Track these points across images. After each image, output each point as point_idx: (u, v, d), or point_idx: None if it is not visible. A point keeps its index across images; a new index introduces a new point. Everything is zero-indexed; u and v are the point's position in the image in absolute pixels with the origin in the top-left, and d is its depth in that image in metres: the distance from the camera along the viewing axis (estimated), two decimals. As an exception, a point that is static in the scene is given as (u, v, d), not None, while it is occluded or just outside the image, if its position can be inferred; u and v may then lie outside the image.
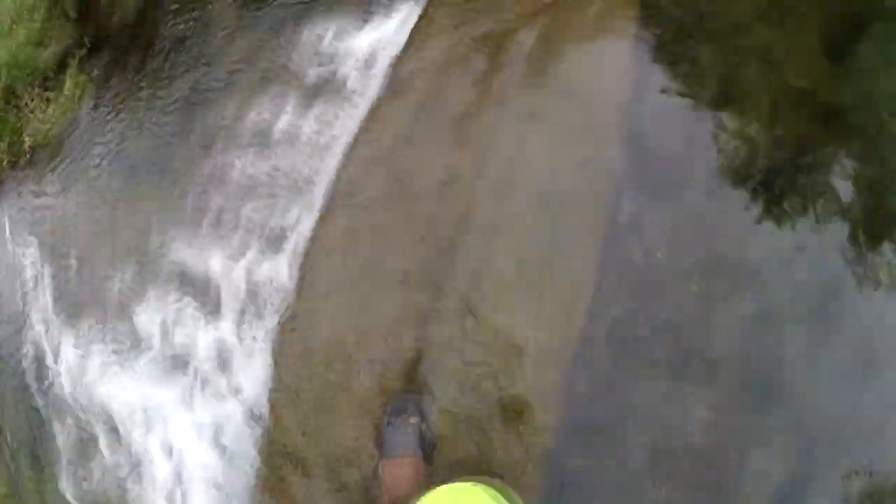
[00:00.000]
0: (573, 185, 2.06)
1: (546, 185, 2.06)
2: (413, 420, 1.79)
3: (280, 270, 2.31)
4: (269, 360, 2.08)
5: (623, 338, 1.93)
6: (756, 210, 2.16)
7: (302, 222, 2.33)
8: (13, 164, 3.48)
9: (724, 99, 2.33)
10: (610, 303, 1.96)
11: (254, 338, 2.30)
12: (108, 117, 3.21)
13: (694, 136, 2.24)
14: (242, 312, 2.39)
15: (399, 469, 1.77)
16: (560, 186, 2.06)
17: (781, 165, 2.25)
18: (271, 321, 2.26)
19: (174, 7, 3.30)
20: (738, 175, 2.22)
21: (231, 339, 2.38)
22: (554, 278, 1.97)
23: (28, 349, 3.02)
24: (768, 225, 2.13)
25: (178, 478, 2.45)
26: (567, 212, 2.03)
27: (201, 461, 2.38)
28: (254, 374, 2.25)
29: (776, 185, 2.22)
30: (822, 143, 2.34)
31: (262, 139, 2.69)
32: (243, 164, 2.67)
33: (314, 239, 2.13)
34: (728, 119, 2.29)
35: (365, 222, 2.09)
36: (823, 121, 2.39)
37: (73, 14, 3.35)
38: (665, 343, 1.94)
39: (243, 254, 2.49)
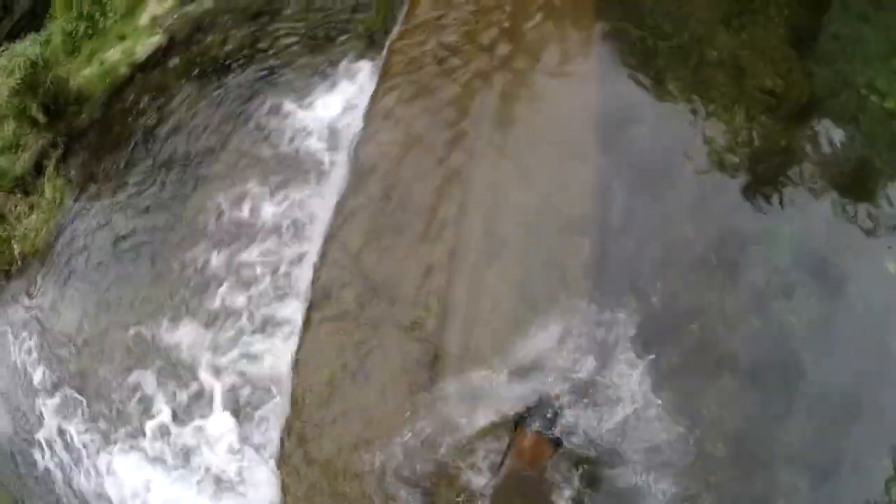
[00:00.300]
0: (548, 258, 2.02)
1: (522, 265, 2.02)
2: None
3: (276, 370, 2.29)
4: (276, 474, 2.07)
5: (630, 362, 1.92)
6: (748, 215, 2.12)
7: (289, 321, 2.31)
8: (6, 273, 3.51)
9: (697, 115, 2.30)
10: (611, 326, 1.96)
11: (256, 448, 2.29)
12: (89, 216, 3.23)
13: (673, 155, 2.21)
14: (241, 414, 2.38)
15: None
16: (537, 266, 2.02)
17: (768, 172, 2.21)
18: (272, 428, 2.24)
19: (135, 97, 3.35)
20: (723, 185, 2.19)
21: (233, 442, 2.36)
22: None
23: (40, 441, 3.04)
24: (764, 229, 2.09)
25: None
26: (546, 287, 1.99)
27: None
28: (262, 481, 2.24)
29: (766, 192, 2.18)
30: (802, 139, 2.31)
31: (238, 228, 2.71)
32: (225, 255, 2.69)
33: (302, 346, 2.08)
34: (704, 135, 2.25)
35: (347, 328, 2.04)
36: (800, 117, 2.36)
37: (42, 118, 3.37)
38: (673, 370, 1.94)
39: (233, 350, 2.50)
